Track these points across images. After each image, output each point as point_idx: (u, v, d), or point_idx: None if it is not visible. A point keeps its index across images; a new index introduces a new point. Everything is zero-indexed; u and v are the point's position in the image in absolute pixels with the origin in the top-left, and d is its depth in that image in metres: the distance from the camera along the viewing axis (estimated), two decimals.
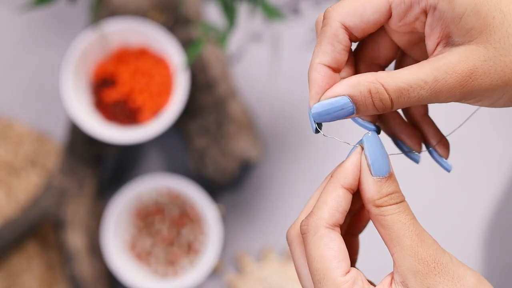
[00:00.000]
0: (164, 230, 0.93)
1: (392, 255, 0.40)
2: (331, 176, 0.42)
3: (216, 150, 0.91)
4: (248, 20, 0.97)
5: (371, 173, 0.41)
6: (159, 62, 0.92)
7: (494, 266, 0.93)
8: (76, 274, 0.89)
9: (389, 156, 0.43)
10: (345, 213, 0.42)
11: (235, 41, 0.97)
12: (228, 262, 0.95)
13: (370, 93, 0.40)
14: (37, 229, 0.93)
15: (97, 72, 0.92)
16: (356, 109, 0.40)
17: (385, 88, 0.40)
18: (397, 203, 0.40)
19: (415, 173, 0.95)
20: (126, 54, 0.92)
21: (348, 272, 0.40)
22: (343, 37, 0.41)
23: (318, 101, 0.41)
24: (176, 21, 0.92)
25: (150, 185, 0.91)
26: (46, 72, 0.98)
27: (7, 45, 0.99)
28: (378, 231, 0.41)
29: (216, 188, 0.96)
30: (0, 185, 0.94)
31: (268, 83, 0.97)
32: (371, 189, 0.41)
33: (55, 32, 0.98)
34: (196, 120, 0.92)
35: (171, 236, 0.93)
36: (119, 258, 0.90)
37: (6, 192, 0.94)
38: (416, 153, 0.46)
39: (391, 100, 0.40)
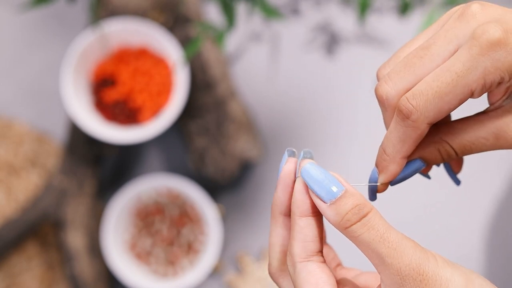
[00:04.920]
0: (164, 230, 0.93)
1: (378, 272, 0.39)
2: (291, 211, 0.42)
3: (216, 150, 0.91)
4: (247, 20, 0.97)
5: (323, 201, 0.40)
6: (159, 62, 0.92)
7: (496, 266, 0.93)
8: (76, 274, 0.89)
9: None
10: (317, 238, 0.41)
11: (235, 41, 0.97)
12: (228, 262, 0.95)
13: (439, 152, 0.43)
14: (37, 229, 0.93)
15: (97, 72, 0.92)
16: (426, 164, 0.44)
17: (450, 146, 0.43)
18: (362, 218, 0.39)
19: (415, 175, 0.95)
20: (126, 54, 0.92)
21: None
22: (425, 132, 0.42)
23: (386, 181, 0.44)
24: (176, 21, 0.92)
25: (150, 185, 0.91)
26: (46, 72, 0.98)
27: (7, 45, 0.99)
28: (359, 250, 0.40)
29: (216, 188, 0.96)
30: (0, 185, 0.94)
31: (268, 83, 0.97)
32: (330, 215, 0.39)
33: (55, 32, 0.99)
34: (196, 120, 0.91)
35: (171, 236, 0.93)
36: (119, 258, 0.91)
37: (6, 192, 0.94)
38: (455, 175, 0.47)
39: (456, 153, 0.43)
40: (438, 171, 0.95)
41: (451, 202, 0.94)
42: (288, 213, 0.42)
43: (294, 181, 0.42)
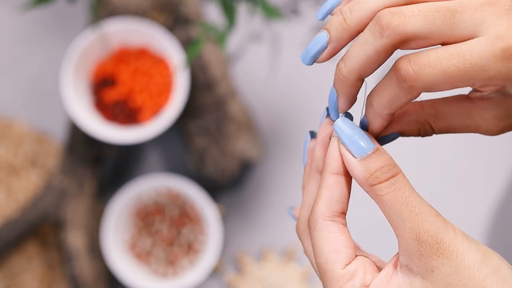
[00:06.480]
0: (164, 230, 0.93)
1: (396, 236, 0.39)
2: (324, 168, 0.42)
3: (216, 150, 0.91)
4: (247, 20, 0.97)
5: (354, 157, 0.40)
6: (159, 62, 0.92)
7: None
8: (76, 274, 0.89)
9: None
10: (343, 199, 0.41)
11: (235, 41, 0.97)
12: (228, 262, 0.95)
13: (419, 130, 0.44)
14: (37, 229, 0.93)
15: (97, 72, 0.92)
16: (401, 136, 0.43)
17: (431, 127, 0.43)
18: (390, 178, 0.39)
19: (416, 173, 0.95)
20: (126, 54, 0.92)
21: (349, 263, 0.40)
22: (416, 97, 0.41)
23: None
24: (176, 21, 0.92)
25: (150, 185, 0.91)
26: (46, 72, 0.98)
27: (7, 45, 0.99)
28: (381, 210, 0.40)
29: (216, 188, 0.96)
30: (0, 185, 0.94)
31: (268, 83, 0.97)
32: (359, 170, 0.39)
33: (55, 32, 0.98)
34: (196, 120, 0.92)
35: (171, 236, 0.93)
36: (119, 258, 0.91)
37: (6, 192, 0.94)
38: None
39: (434, 132, 0.43)
40: (439, 171, 0.95)
41: (451, 202, 0.94)
42: (339, 173, 0.42)
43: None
